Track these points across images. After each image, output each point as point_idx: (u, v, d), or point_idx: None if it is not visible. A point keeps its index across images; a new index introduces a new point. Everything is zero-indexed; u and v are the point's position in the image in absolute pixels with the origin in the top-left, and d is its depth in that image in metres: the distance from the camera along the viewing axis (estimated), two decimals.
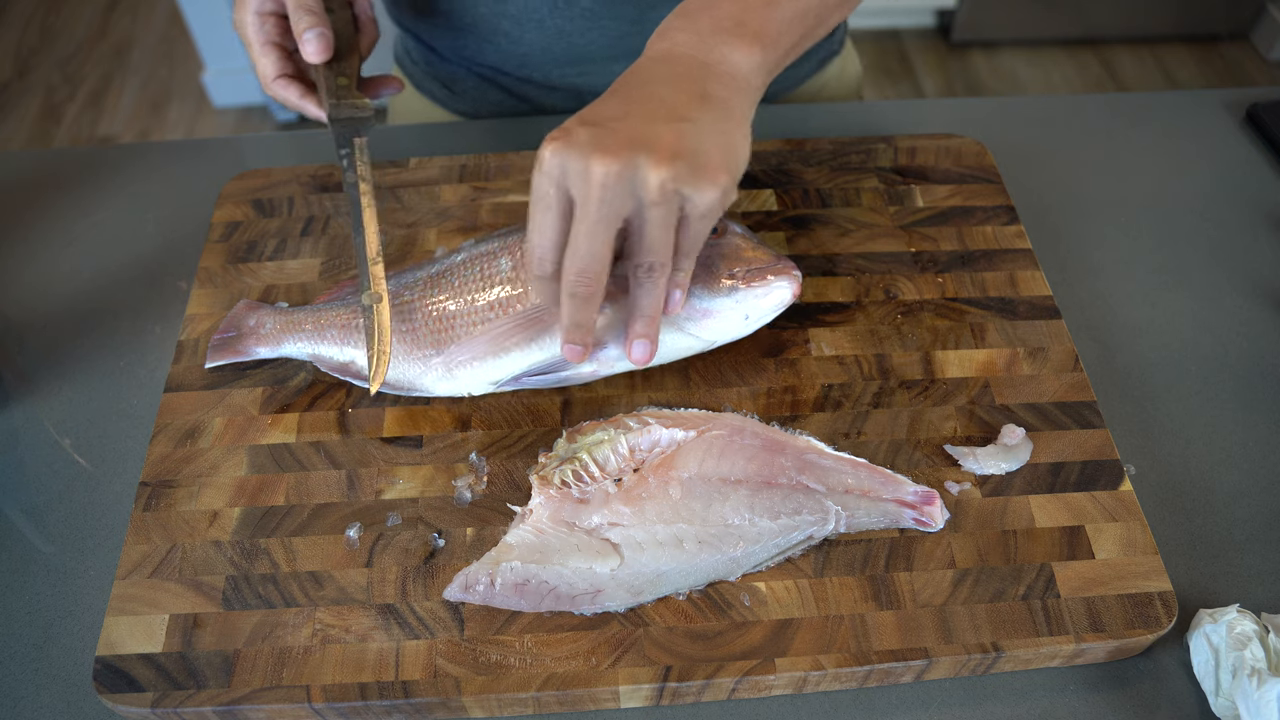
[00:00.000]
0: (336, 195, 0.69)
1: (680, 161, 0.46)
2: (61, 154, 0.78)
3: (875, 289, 0.63)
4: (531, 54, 0.79)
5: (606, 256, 0.47)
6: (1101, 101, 0.82)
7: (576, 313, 0.49)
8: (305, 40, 0.58)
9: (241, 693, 0.47)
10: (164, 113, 2.26)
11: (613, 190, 0.46)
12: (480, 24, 0.78)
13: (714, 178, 0.47)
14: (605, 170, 0.45)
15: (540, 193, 0.47)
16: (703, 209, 0.47)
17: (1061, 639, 0.48)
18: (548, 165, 0.47)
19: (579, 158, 0.46)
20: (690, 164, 0.46)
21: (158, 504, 0.53)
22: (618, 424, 0.55)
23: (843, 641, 0.48)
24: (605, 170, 0.45)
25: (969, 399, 0.58)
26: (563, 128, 0.47)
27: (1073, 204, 0.72)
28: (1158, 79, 2.29)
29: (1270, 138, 0.76)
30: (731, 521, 0.51)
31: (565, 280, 0.48)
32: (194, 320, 0.62)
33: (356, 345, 0.57)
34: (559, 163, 0.46)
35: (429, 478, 0.54)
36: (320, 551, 0.51)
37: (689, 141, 0.47)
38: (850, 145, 0.72)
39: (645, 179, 0.46)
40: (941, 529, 0.52)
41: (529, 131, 0.78)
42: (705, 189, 0.47)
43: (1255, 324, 0.65)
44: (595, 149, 0.46)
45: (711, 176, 0.47)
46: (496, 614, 0.49)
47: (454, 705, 0.47)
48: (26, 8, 2.51)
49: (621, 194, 0.46)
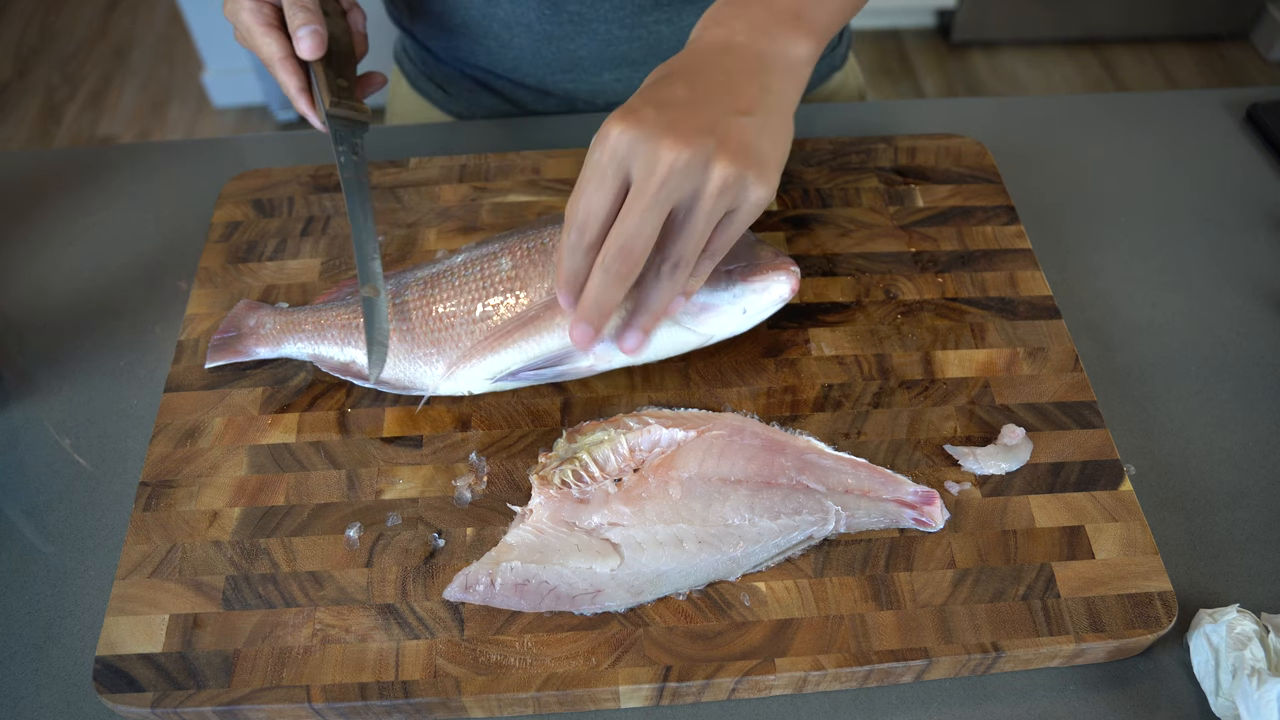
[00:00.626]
0: (336, 195, 0.69)
1: (747, 157, 0.46)
2: (61, 154, 0.78)
3: (875, 289, 0.63)
4: (522, 58, 0.79)
5: (652, 240, 0.47)
6: (1101, 101, 0.82)
7: (604, 290, 0.48)
8: (300, 37, 0.57)
9: (241, 693, 0.47)
10: (164, 113, 2.26)
11: (679, 176, 0.45)
12: (471, 26, 0.78)
13: (771, 177, 0.47)
14: (676, 155, 0.45)
15: (598, 167, 0.47)
16: (753, 206, 0.48)
17: (1061, 639, 0.48)
18: (614, 141, 0.46)
19: (649, 139, 0.45)
20: (754, 160, 0.46)
21: (158, 504, 0.53)
22: (618, 424, 0.55)
23: (843, 641, 0.48)
24: (676, 155, 0.45)
25: (969, 399, 0.58)
26: (629, 106, 0.47)
27: (1073, 204, 0.72)
28: (1158, 79, 2.29)
29: (1270, 138, 0.76)
30: (731, 521, 0.51)
31: (605, 253, 0.47)
32: (194, 320, 0.62)
33: (357, 345, 0.57)
34: (627, 140, 0.45)
35: (429, 478, 0.54)
36: (320, 551, 0.51)
37: (752, 137, 0.47)
38: (850, 145, 0.72)
39: (713, 171, 0.45)
40: (941, 529, 0.52)
41: (529, 131, 0.78)
42: (762, 187, 0.47)
43: (1255, 324, 0.65)
44: (667, 132, 0.45)
45: (769, 176, 0.47)
46: (496, 614, 0.49)
47: (454, 705, 0.47)
48: (26, 8, 2.51)
49: (686, 181, 0.45)
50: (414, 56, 0.88)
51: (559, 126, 0.79)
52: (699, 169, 0.45)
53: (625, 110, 0.46)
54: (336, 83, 0.59)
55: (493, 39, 0.78)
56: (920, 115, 0.79)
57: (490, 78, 0.83)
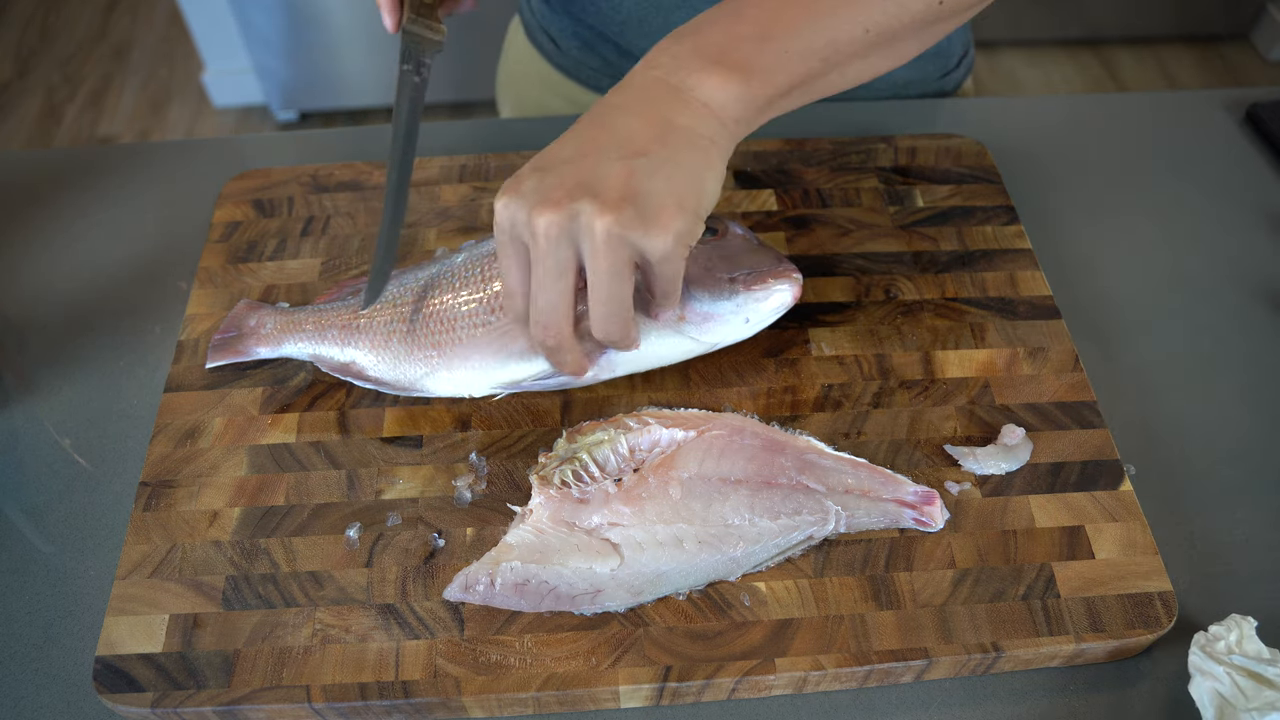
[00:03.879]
0: (336, 195, 0.69)
1: (627, 207, 0.44)
2: (61, 154, 0.78)
3: (875, 289, 0.63)
4: (629, 22, 0.79)
5: (567, 305, 0.47)
6: (1101, 101, 0.82)
7: (555, 355, 0.50)
8: None
9: (241, 693, 0.47)
10: (164, 113, 2.26)
11: (556, 242, 0.45)
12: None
13: (665, 223, 0.44)
14: (547, 222, 0.44)
15: (500, 243, 0.47)
16: (657, 255, 0.45)
17: (1061, 639, 0.48)
18: (499, 218, 0.46)
19: (523, 209, 0.45)
20: (638, 208, 0.44)
21: (158, 504, 0.53)
22: (618, 424, 0.55)
23: (843, 641, 0.48)
24: (547, 222, 0.44)
25: (969, 399, 0.58)
26: (515, 175, 0.47)
27: (1073, 204, 0.72)
28: (1158, 79, 2.29)
29: (1270, 138, 0.76)
30: (731, 521, 0.51)
31: (532, 325, 0.49)
32: (194, 320, 0.62)
33: (357, 345, 0.57)
34: (509, 215, 0.46)
35: (429, 478, 0.54)
36: (320, 551, 0.51)
37: (640, 182, 0.44)
38: (850, 145, 0.72)
39: (589, 227, 0.44)
40: (941, 529, 0.52)
41: (529, 131, 0.78)
42: (654, 235, 0.44)
43: (1255, 324, 0.65)
44: (538, 200, 0.45)
45: (663, 222, 0.44)
46: (496, 614, 0.49)
47: (454, 705, 0.47)
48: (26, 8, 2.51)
49: (568, 244, 0.45)
50: (535, 6, 0.89)
51: (558, 126, 0.79)
52: (576, 230, 0.44)
53: (510, 181, 0.47)
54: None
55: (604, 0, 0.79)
56: (920, 115, 0.79)
57: (597, 39, 0.83)
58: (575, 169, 0.45)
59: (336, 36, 2.04)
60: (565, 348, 0.49)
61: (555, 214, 0.44)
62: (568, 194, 0.44)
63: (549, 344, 0.49)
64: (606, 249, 0.44)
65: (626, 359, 0.55)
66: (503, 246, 0.47)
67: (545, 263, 0.46)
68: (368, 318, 0.57)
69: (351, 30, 2.03)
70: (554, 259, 0.45)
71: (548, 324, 0.48)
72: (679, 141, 0.46)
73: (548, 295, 0.47)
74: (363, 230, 0.67)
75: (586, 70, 0.86)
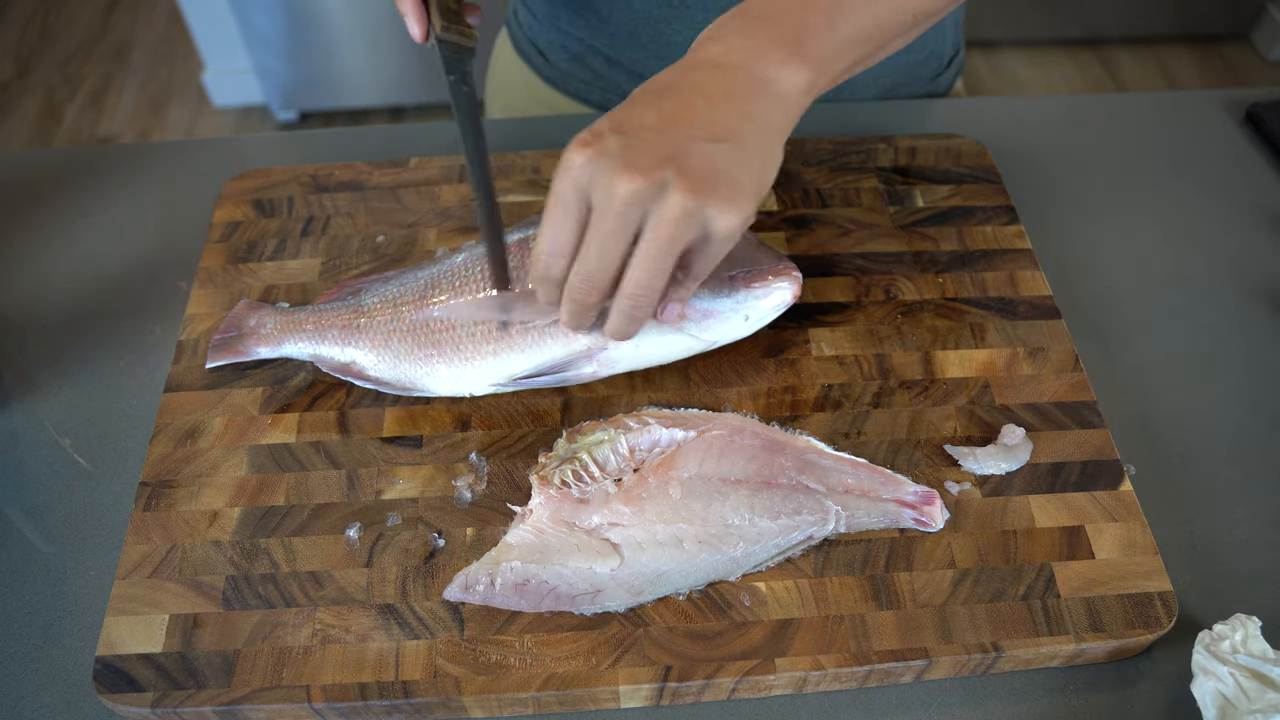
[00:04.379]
0: (337, 195, 0.69)
1: (707, 187, 0.45)
2: (61, 154, 0.78)
3: (875, 289, 0.63)
4: (619, 36, 0.79)
5: (615, 268, 0.47)
6: (1101, 101, 0.82)
7: (575, 316, 0.49)
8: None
9: (241, 693, 0.47)
10: (164, 113, 2.26)
11: (635, 208, 0.45)
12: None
13: (741, 204, 0.46)
14: (631, 188, 0.44)
15: (561, 195, 0.46)
16: (723, 234, 0.46)
17: (1061, 639, 0.48)
18: (576, 171, 0.45)
19: (607, 169, 0.45)
20: (717, 189, 0.45)
21: (158, 504, 0.53)
22: (618, 424, 0.55)
23: (843, 641, 0.48)
24: (631, 188, 0.44)
25: (969, 399, 0.58)
26: (594, 131, 0.46)
27: (1073, 204, 0.72)
28: (1158, 79, 2.29)
29: (1270, 138, 0.76)
30: (731, 521, 0.51)
31: (570, 283, 0.48)
32: (194, 320, 0.62)
33: (357, 345, 0.57)
34: (587, 170, 0.45)
35: (429, 478, 0.54)
36: (320, 551, 0.51)
37: (721, 163, 0.45)
38: (850, 145, 0.72)
39: (669, 201, 0.45)
40: (941, 529, 0.52)
41: (528, 131, 0.78)
42: (729, 215, 0.46)
43: (1255, 324, 0.65)
44: (625, 163, 0.45)
45: (738, 203, 0.46)
46: (496, 614, 0.49)
47: (454, 705, 0.47)
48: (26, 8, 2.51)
49: (639, 213, 0.45)
50: (522, 19, 0.89)
51: (558, 126, 0.79)
52: (654, 199, 0.45)
53: (589, 136, 0.46)
54: (447, 4, 0.58)
55: (593, 13, 0.79)
56: (920, 115, 0.79)
57: (586, 52, 0.83)
58: (662, 140, 0.45)
59: (336, 36, 2.04)
60: (594, 308, 0.49)
61: (641, 181, 0.44)
62: (656, 163, 0.44)
63: (582, 299, 0.48)
64: (676, 223, 0.45)
65: (627, 356, 0.55)
66: (563, 199, 0.47)
67: (611, 225, 0.45)
68: (368, 317, 0.57)
69: (351, 30, 2.03)
70: (622, 223, 0.45)
71: (593, 284, 0.47)
72: (755, 131, 0.47)
73: (606, 256, 0.46)
74: (362, 230, 0.67)
75: (575, 83, 0.86)
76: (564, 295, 0.48)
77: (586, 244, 0.47)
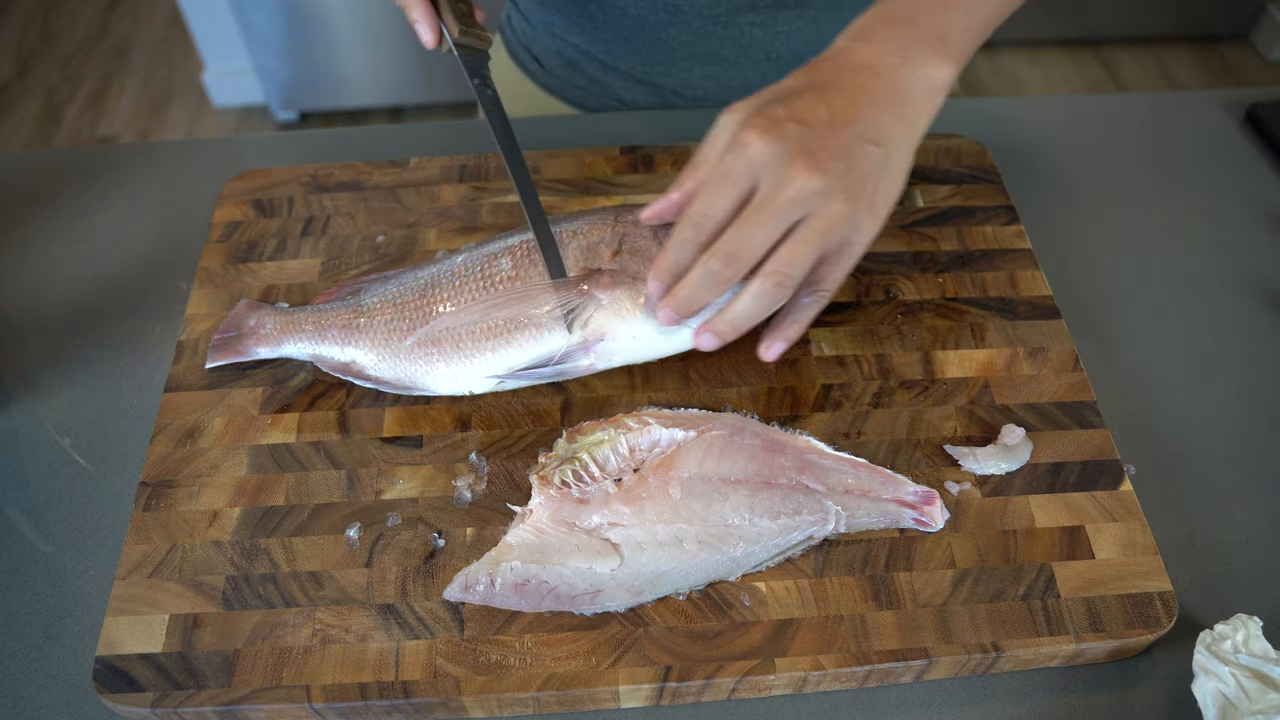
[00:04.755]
0: (337, 195, 0.69)
1: (867, 193, 0.47)
2: (61, 154, 0.78)
3: (875, 289, 0.63)
4: (615, 41, 0.79)
5: (763, 250, 0.48)
6: (1101, 101, 0.82)
7: (701, 288, 0.49)
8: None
9: (241, 693, 0.47)
10: (164, 113, 2.26)
11: (805, 200, 0.46)
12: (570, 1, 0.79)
13: (882, 215, 0.49)
14: (808, 182, 0.46)
15: (729, 171, 0.48)
16: (862, 241, 0.49)
17: (1061, 639, 0.48)
18: (753, 151, 0.47)
19: (786, 156, 0.46)
20: (872, 197, 0.48)
21: (158, 504, 0.53)
22: (618, 424, 0.55)
23: (843, 641, 0.48)
24: (808, 182, 0.46)
25: (969, 399, 0.58)
26: (771, 116, 0.47)
27: (1073, 204, 0.72)
28: (1158, 79, 2.29)
29: (1270, 138, 0.76)
30: (731, 521, 0.51)
31: (712, 253, 0.48)
32: (194, 320, 0.62)
33: (357, 345, 0.57)
34: (764, 152, 0.47)
35: (429, 478, 0.54)
36: (320, 551, 0.51)
37: (877, 170, 0.48)
38: None
39: (834, 202, 0.47)
40: (941, 529, 0.52)
41: (528, 131, 0.78)
42: (872, 223, 0.49)
43: (1255, 324, 0.65)
44: (804, 156, 0.46)
45: (879, 213, 0.49)
46: (496, 614, 0.49)
47: (454, 705, 0.47)
48: (26, 8, 2.51)
49: (804, 206, 0.47)
50: (516, 25, 0.89)
51: (558, 126, 0.79)
52: (822, 197, 0.46)
53: (765, 119, 0.47)
54: (458, 7, 0.58)
55: (588, 19, 0.79)
56: None
57: (583, 58, 0.83)
58: (835, 138, 0.47)
59: (336, 36, 2.04)
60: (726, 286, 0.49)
61: (818, 178, 0.46)
62: (831, 161, 0.47)
63: (718, 273, 0.48)
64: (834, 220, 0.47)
65: (623, 349, 0.55)
66: (730, 173, 0.48)
67: (777, 208, 0.47)
68: (368, 317, 0.57)
69: (351, 30, 2.03)
70: (788, 210, 0.47)
71: (736, 258, 0.48)
72: (906, 137, 0.50)
73: (762, 234, 0.47)
74: (362, 230, 0.67)
75: (572, 89, 0.86)
76: (700, 262, 0.49)
77: (744, 220, 0.47)
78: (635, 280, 0.54)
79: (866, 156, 0.48)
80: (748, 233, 0.47)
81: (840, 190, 0.47)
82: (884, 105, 0.49)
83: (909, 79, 0.50)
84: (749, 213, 0.47)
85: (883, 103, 0.49)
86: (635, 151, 0.72)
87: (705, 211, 0.48)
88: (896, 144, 0.49)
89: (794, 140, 0.47)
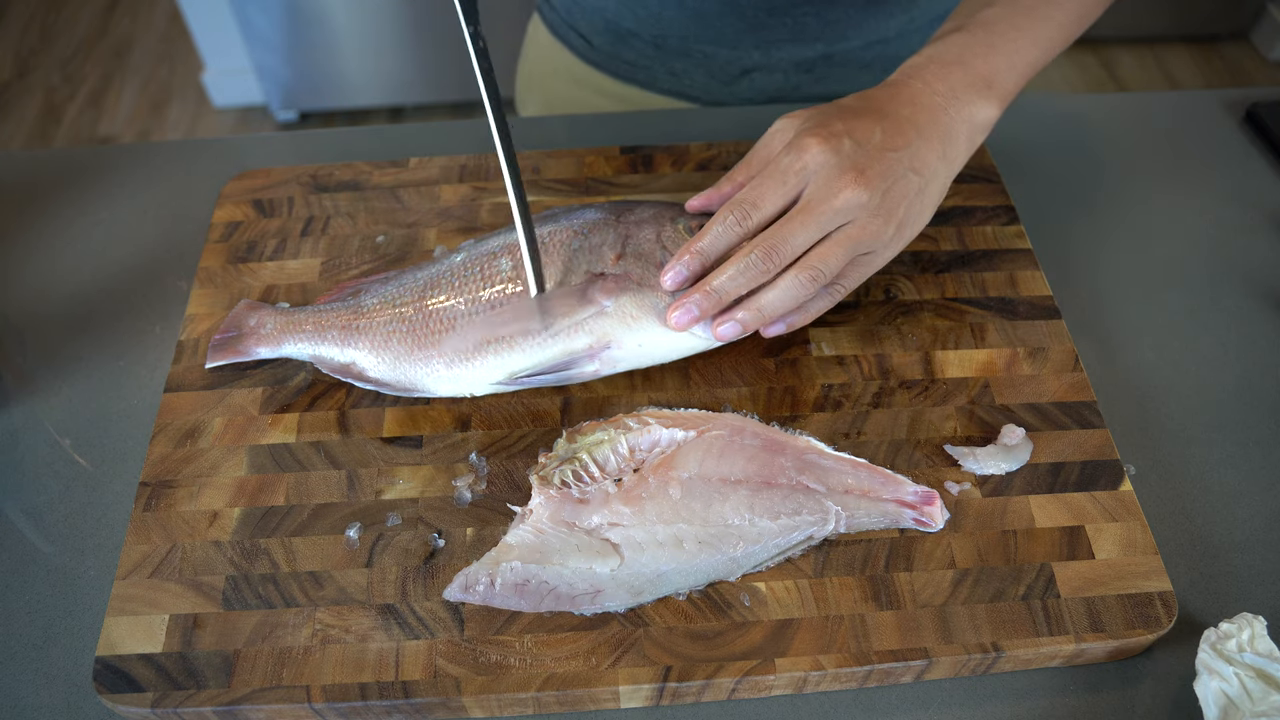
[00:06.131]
0: (337, 195, 0.69)
1: (904, 214, 0.52)
2: (61, 154, 0.78)
3: (875, 289, 0.63)
4: (664, 14, 0.80)
5: (800, 250, 0.51)
6: (1101, 101, 0.82)
7: (734, 280, 0.51)
8: None
9: (241, 693, 0.47)
10: (164, 113, 2.26)
11: (848, 211, 0.51)
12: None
13: (908, 237, 0.54)
14: (854, 195, 0.50)
15: (786, 170, 0.51)
16: (884, 258, 0.54)
17: (1061, 639, 0.48)
18: (811, 156, 0.51)
19: (840, 168, 0.50)
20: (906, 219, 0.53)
21: (158, 504, 0.53)
22: (618, 424, 0.55)
23: (843, 641, 0.48)
24: (854, 195, 0.50)
25: (969, 399, 0.58)
26: (831, 128, 0.51)
27: (1073, 204, 0.72)
28: (1158, 79, 2.29)
29: (1270, 138, 0.76)
30: (731, 521, 0.51)
31: (753, 245, 0.51)
32: (194, 320, 0.62)
33: (357, 346, 0.57)
34: (821, 161, 0.51)
35: (429, 478, 0.54)
36: (320, 551, 0.51)
37: (914, 196, 0.53)
38: None
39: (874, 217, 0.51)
40: (941, 529, 0.52)
41: (527, 131, 0.78)
42: (896, 246, 0.54)
43: (1255, 324, 0.65)
44: (854, 170, 0.50)
45: (906, 236, 0.54)
46: (496, 614, 0.49)
47: (454, 705, 0.47)
48: (26, 8, 2.52)
49: (848, 215, 0.51)
50: (557, 5, 0.89)
51: (557, 127, 0.79)
52: (864, 210, 0.51)
53: (825, 130, 0.51)
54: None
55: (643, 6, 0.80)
56: None
57: (629, 35, 0.84)
58: (883, 161, 0.52)
59: (336, 36, 2.05)
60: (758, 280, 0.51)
61: (865, 193, 0.50)
62: (876, 178, 0.51)
63: (756, 265, 0.51)
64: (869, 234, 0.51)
65: (629, 355, 0.55)
66: (784, 172, 0.52)
67: (821, 213, 0.50)
68: (368, 318, 0.57)
69: (351, 30, 2.04)
70: (832, 217, 0.51)
71: (778, 251, 0.51)
72: (944, 172, 0.55)
73: (804, 234, 0.51)
74: (362, 230, 0.67)
75: (620, 64, 0.86)
76: (738, 254, 0.51)
77: (789, 219, 0.51)
78: (641, 287, 0.54)
79: (907, 182, 0.52)
80: (791, 231, 0.50)
81: (880, 207, 0.51)
82: (929, 140, 0.53)
83: (954, 119, 0.54)
84: (795, 213, 0.51)
85: (929, 138, 0.53)
86: (635, 151, 0.72)
87: (755, 201, 0.52)
88: (934, 176, 0.54)
89: (848, 155, 0.51)
